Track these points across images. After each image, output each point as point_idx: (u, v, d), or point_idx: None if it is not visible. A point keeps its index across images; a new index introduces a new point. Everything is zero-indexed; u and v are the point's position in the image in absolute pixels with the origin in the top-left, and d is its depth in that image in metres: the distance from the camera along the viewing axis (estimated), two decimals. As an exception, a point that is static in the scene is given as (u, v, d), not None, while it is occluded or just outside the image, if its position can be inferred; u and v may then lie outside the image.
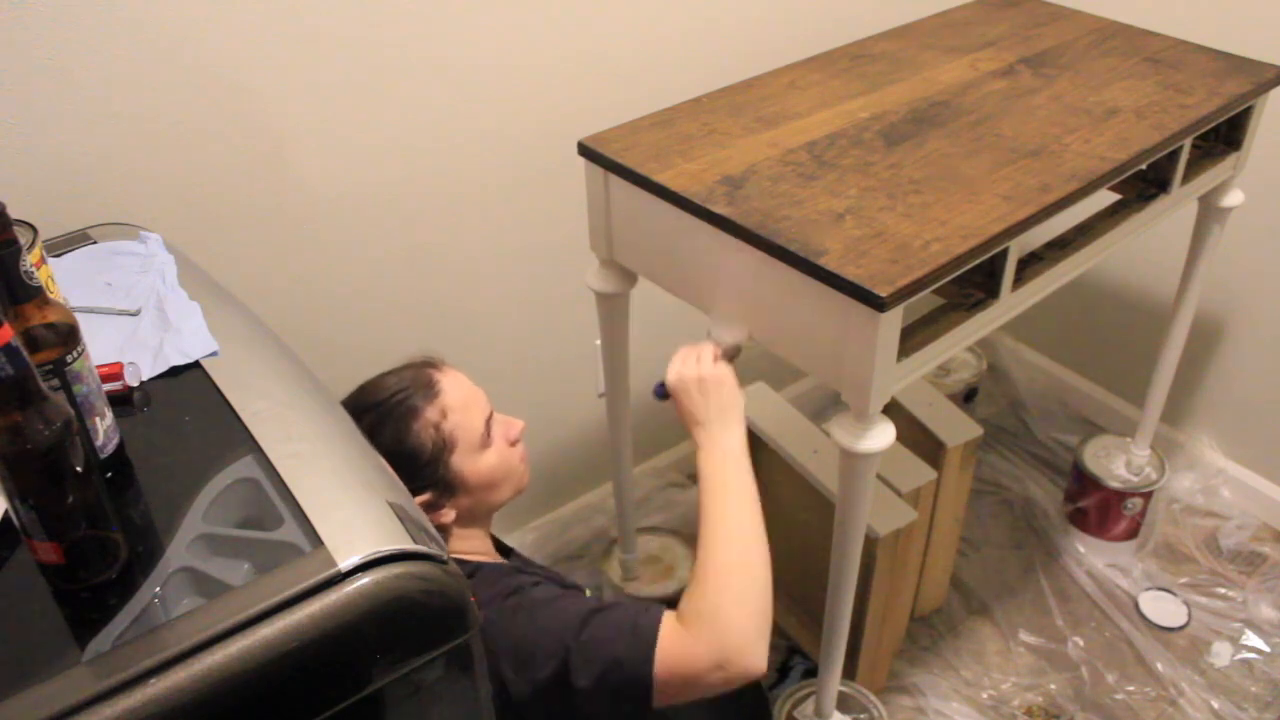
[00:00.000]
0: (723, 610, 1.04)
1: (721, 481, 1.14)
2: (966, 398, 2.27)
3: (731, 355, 1.27)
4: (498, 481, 1.23)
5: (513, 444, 1.26)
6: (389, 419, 1.17)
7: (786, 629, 1.95)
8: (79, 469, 0.74)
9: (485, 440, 1.21)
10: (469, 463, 1.19)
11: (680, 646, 1.03)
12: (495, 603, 1.09)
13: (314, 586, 0.75)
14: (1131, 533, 2.12)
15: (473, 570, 1.16)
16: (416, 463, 1.16)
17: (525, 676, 1.04)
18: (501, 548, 1.35)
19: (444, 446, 1.17)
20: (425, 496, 1.16)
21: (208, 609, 0.75)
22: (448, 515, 1.19)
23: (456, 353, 1.77)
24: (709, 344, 1.25)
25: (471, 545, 1.24)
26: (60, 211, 1.25)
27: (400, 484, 0.92)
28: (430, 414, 1.17)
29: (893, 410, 1.76)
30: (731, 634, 1.03)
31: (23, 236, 0.88)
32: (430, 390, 1.19)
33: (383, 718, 0.81)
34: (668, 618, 1.05)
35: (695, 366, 1.19)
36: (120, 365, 0.97)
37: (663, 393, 1.25)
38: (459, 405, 1.20)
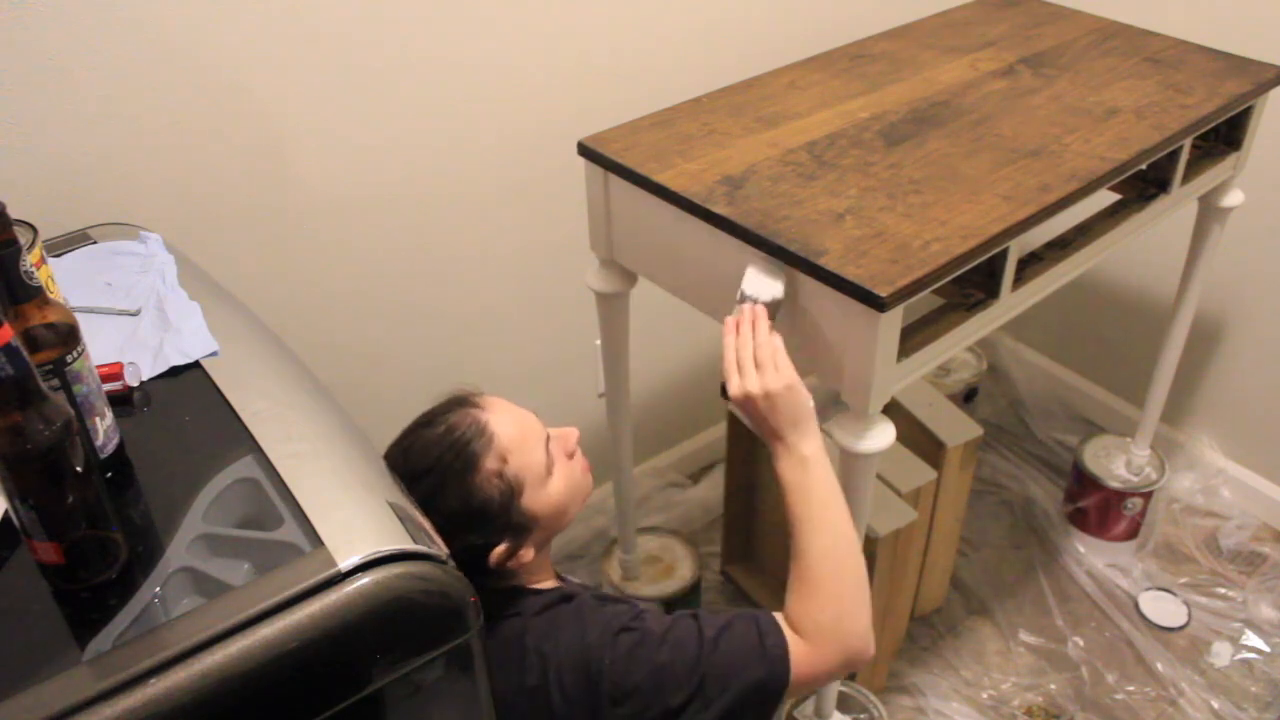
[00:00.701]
0: (844, 620, 1.08)
1: (806, 489, 1.14)
2: (966, 398, 2.26)
3: (775, 312, 1.19)
4: (567, 505, 1.17)
5: (571, 456, 1.19)
6: (449, 479, 1.08)
7: (786, 629, 1.95)
8: (79, 469, 0.74)
9: (549, 468, 1.14)
10: (539, 499, 1.12)
11: (811, 661, 1.07)
12: (605, 642, 1.05)
13: (314, 586, 0.75)
14: (1131, 533, 2.12)
15: (566, 597, 1.12)
16: (487, 517, 1.09)
17: (655, 710, 1.04)
18: None
19: (512, 493, 1.10)
20: (502, 548, 1.09)
21: (208, 609, 0.75)
22: (528, 554, 1.13)
23: (456, 353, 1.78)
24: (757, 319, 1.16)
25: (544, 572, 1.19)
26: (60, 211, 1.25)
27: (399, 485, 0.92)
28: (490, 463, 1.09)
29: (893, 410, 1.76)
30: (855, 639, 1.08)
31: (23, 236, 0.88)
32: (483, 435, 1.10)
33: (383, 718, 0.81)
34: (789, 633, 1.08)
35: (757, 379, 1.13)
36: (120, 365, 0.97)
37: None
38: (517, 444, 1.11)
